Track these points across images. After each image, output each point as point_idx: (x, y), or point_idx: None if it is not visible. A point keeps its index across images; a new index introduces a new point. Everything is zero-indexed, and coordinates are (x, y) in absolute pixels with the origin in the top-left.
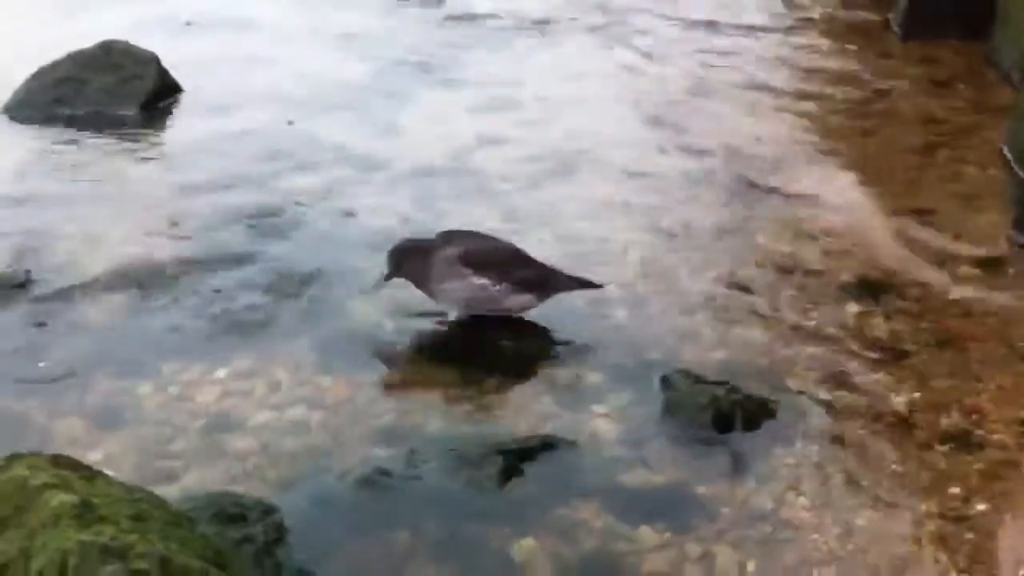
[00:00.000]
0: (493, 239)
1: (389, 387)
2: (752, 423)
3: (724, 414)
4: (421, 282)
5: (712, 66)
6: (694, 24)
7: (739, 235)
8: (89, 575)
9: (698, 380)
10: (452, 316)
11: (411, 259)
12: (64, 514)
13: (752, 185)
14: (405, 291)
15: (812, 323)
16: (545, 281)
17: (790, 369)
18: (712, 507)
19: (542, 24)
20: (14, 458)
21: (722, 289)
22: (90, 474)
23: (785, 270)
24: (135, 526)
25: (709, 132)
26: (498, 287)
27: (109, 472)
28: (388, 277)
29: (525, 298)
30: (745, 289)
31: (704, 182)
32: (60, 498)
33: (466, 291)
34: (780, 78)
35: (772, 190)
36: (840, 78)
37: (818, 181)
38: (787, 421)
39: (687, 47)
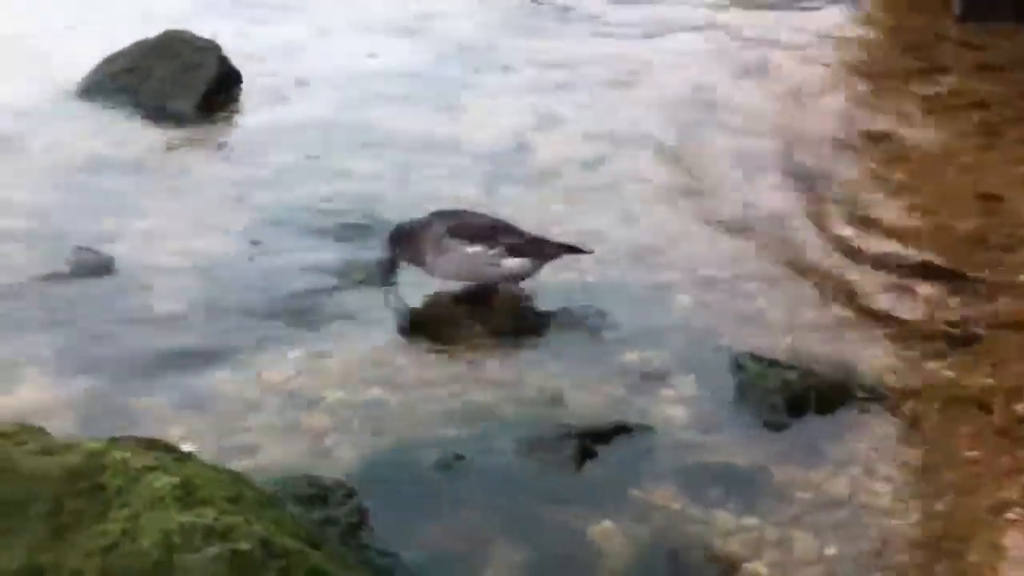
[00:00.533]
0: (480, 214)
1: (460, 370)
2: (825, 407)
3: (797, 398)
4: (417, 260)
5: (769, 46)
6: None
7: (801, 219)
8: (193, 555)
9: (770, 364)
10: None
11: (406, 242)
12: (166, 495)
13: (812, 168)
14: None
15: (881, 307)
16: (534, 247)
17: (861, 353)
18: (788, 491)
19: (597, 8)
20: (114, 441)
21: (787, 273)
22: (182, 456)
23: (851, 254)
24: (232, 507)
25: (767, 114)
26: (489, 253)
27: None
28: (387, 263)
29: (516, 263)
30: (811, 273)
31: (764, 165)
32: (162, 480)
33: (460, 262)
34: (837, 57)
35: (832, 173)
36: (901, 59)
37: (879, 164)
38: (860, 405)
39: (745, 28)
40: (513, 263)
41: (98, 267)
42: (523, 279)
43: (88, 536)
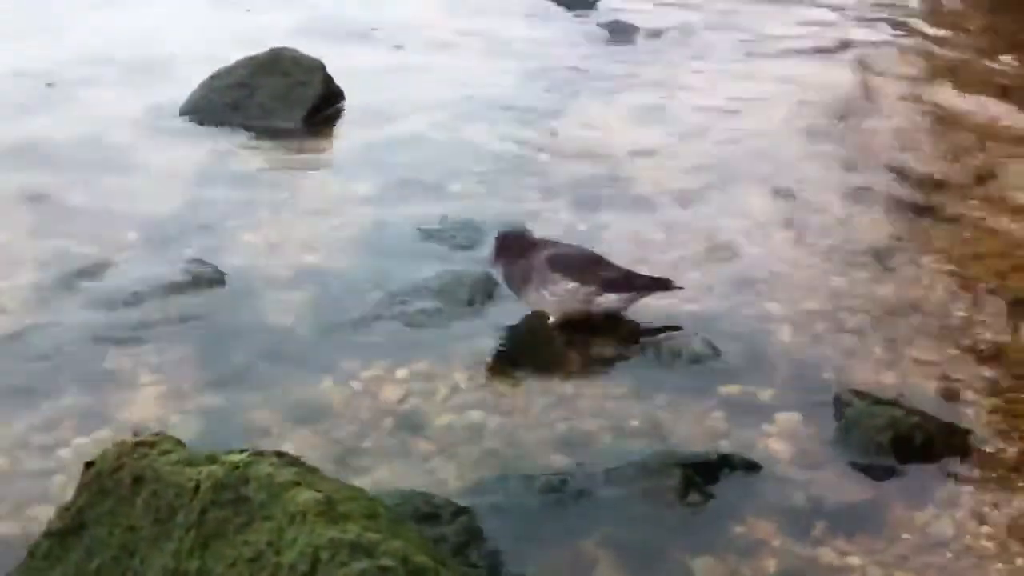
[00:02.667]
0: (576, 246)
1: (562, 395)
2: (931, 447)
3: (903, 436)
4: (515, 283)
5: (870, 70)
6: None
7: (904, 254)
8: (339, 570)
9: (875, 401)
10: (550, 320)
11: (516, 255)
12: (310, 510)
13: (919, 203)
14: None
15: (987, 344)
16: (628, 283)
17: (967, 392)
18: (892, 531)
19: (689, 32)
20: (257, 454)
21: (893, 308)
22: (313, 471)
23: (955, 289)
24: (371, 524)
25: (872, 146)
26: (585, 290)
27: None
28: (496, 259)
29: (611, 299)
30: (918, 309)
31: (869, 198)
32: (305, 494)
33: (556, 297)
34: (945, 94)
35: (933, 206)
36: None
37: (983, 193)
38: (966, 445)
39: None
40: (608, 300)
41: (211, 279)
42: (615, 313)
43: (232, 546)
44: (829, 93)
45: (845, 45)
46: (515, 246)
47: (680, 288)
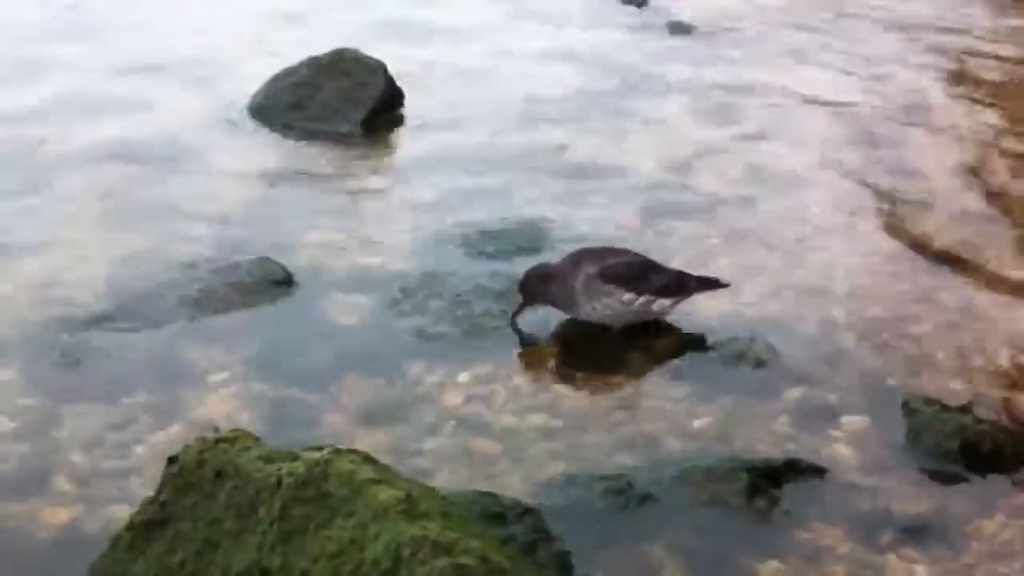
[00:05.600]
0: (622, 251)
1: (624, 397)
2: (999, 454)
3: (971, 444)
4: (564, 305)
5: (931, 76)
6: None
7: (970, 260)
8: (421, 568)
9: (943, 407)
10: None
11: (547, 284)
12: (391, 508)
13: (983, 210)
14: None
15: None
16: (680, 284)
17: None
18: (960, 540)
19: (748, 31)
20: (336, 452)
21: (959, 315)
22: (388, 469)
23: (1022, 297)
24: (448, 523)
25: (933, 151)
26: (642, 299)
27: None
28: (523, 306)
29: (666, 303)
30: (984, 317)
31: (933, 205)
32: (387, 492)
33: (614, 307)
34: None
35: (1001, 213)
36: None
37: None
38: None
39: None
40: (662, 305)
41: (278, 278)
42: (667, 314)
43: (315, 541)
44: (893, 96)
45: (911, 46)
46: (552, 273)
47: (727, 285)
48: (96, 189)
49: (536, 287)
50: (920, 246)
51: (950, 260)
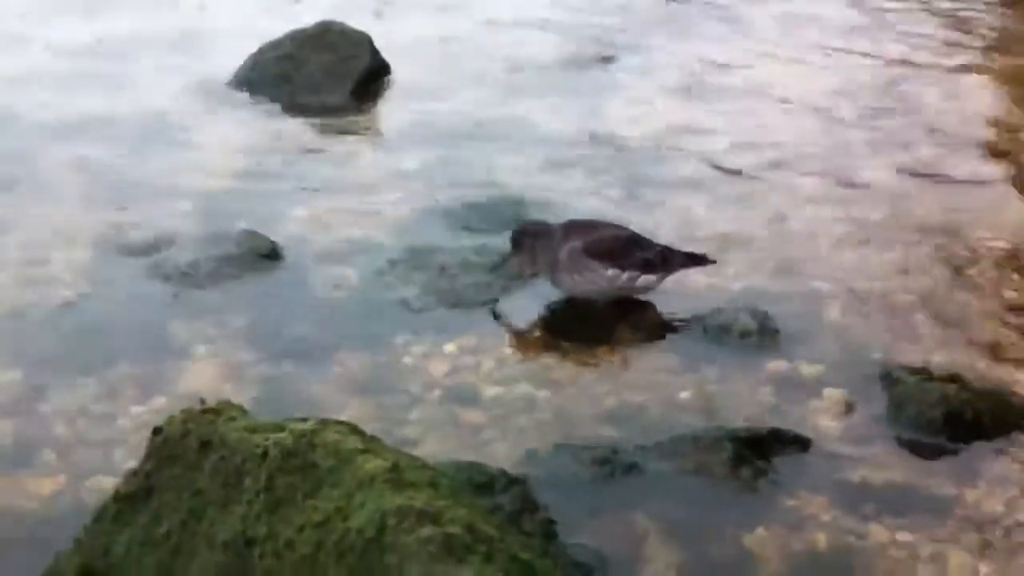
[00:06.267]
0: (610, 225)
1: (610, 369)
2: (982, 424)
3: (954, 413)
4: (548, 272)
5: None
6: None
7: (958, 231)
8: (406, 536)
9: (926, 378)
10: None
11: (536, 242)
12: (377, 477)
13: (971, 179)
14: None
15: None
16: (664, 260)
17: (1019, 370)
18: (943, 508)
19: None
20: (323, 423)
21: (944, 287)
22: (375, 440)
23: (1007, 268)
24: (435, 492)
25: (922, 121)
26: (626, 275)
27: None
28: (514, 257)
29: (651, 279)
30: (969, 288)
31: (919, 176)
32: (373, 462)
33: (597, 281)
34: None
35: (987, 183)
36: None
37: None
38: (1019, 423)
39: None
40: (647, 280)
41: (265, 251)
42: (651, 290)
43: (300, 511)
44: (883, 70)
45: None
46: (539, 236)
47: (713, 262)
48: (81, 163)
49: (526, 242)
50: (907, 217)
51: (936, 231)
